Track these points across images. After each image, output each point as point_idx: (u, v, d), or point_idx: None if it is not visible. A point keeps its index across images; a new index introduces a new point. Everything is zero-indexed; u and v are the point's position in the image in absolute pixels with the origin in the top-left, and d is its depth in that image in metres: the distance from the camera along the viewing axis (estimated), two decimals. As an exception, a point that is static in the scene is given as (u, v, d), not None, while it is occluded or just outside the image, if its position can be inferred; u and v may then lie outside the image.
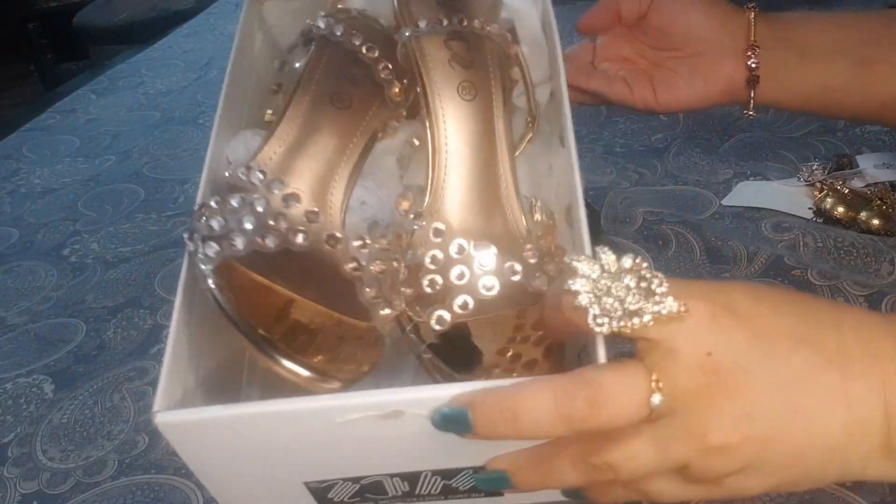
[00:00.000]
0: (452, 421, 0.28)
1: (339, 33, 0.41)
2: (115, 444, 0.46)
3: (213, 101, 1.05)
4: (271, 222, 0.33)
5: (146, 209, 0.72)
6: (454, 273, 0.34)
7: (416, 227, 0.35)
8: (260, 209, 0.33)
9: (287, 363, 0.29)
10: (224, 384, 0.36)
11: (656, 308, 0.27)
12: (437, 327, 0.33)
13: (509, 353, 0.34)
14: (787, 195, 0.61)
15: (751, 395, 0.28)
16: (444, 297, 0.34)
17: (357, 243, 0.35)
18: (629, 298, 0.27)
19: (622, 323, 0.27)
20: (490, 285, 0.34)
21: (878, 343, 0.29)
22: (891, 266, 0.53)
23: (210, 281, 0.31)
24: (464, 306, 0.33)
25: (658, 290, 0.27)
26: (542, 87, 0.44)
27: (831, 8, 1.00)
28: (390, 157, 0.41)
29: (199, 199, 0.35)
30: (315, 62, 0.41)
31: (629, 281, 0.27)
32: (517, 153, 0.42)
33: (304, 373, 0.29)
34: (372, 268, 0.35)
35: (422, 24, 0.41)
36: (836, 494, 0.38)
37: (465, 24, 0.41)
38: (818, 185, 0.60)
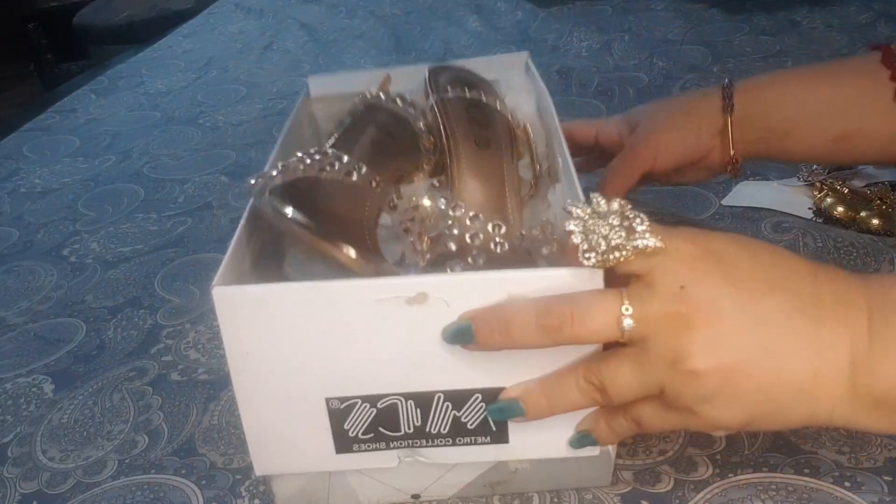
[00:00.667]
0: (459, 332, 0.32)
1: (383, 98, 0.50)
2: (114, 445, 0.46)
3: (213, 100, 1.05)
4: (327, 167, 0.39)
5: (146, 209, 0.72)
6: (469, 234, 0.39)
7: (440, 204, 0.41)
8: (317, 157, 0.39)
9: (343, 246, 0.34)
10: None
11: (636, 243, 0.30)
12: (450, 272, 0.37)
13: None
14: (787, 195, 0.61)
15: (720, 329, 0.30)
16: (459, 255, 0.38)
17: (394, 194, 0.41)
18: (612, 235, 0.31)
19: (605, 256, 0.31)
20: (502, 245, 0.39)
21: (850, 295, 0.31)
22: (891, 266, 0.53)
23: (272, 197, 0.35)
24: (476, 258, 0.38)
25: (639, 228, 0.31)
26: (542, 160, 0.51)
27: (830, 8, 1.00)
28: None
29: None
30: (361, 117, 0.49)
31: (614, 220, 0.31)
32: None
33: (354, 254, 0.34)
34: (400, 223, 0.40)
35: (448, 91, 0.50)
36: (836, 495, 0.38)
37: (483, 98, 0.50)
38: (818, 184, 0.60)
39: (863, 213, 0.57)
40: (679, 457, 0.41)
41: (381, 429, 0.36)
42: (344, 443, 0.36)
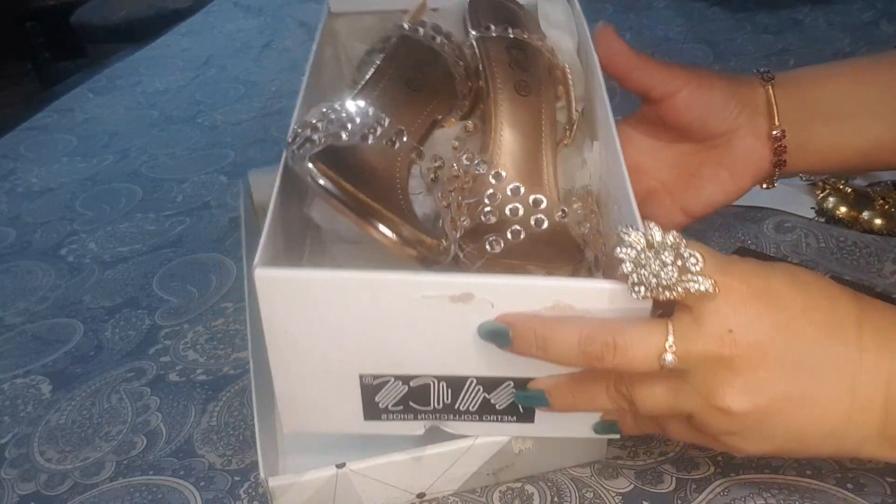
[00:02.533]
0: (495, 334, 0.32)
1: (421, 32, 0.47)
2: (112, 446, 0.46)
3: (212, 99, 1.04)
4: (369, 134, 0.38)
5: (144, 209, 0.72)
6: (509, 208, 0.39)
7: (479, 169, 0.40)
8: (358, 120, 0.38)
9: (381, 227, 0.33)
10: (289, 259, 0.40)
11: (688, 286, 0.30)
12: (490, 249, 0.37)
13: None
14: (790, 194, 0.61)
15: (762, 374, 0.30)
16: (498, 228, 0.38)
17: (437, 164, 0.40)
18: (664, 273, 0.30)
19: (654, 292, 0.30)
20: (541, 221, 0.38)
21: (891, 341, 0.32)
22: (893, 265, 0.53)
23: (311, 164, 0.34)
24: (515, 234, 0.38)
25: (693, 269, 0.30)
26: (578, 104, 0.49)
27: (832, 6, 1.00)
28: (448, 143, 0.46)
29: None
30: (395, 51, 0.47)
31: (667, 257, 0.30)
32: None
33: (393, 237, 0.33)
34: (440, 197, 0.39)
35: (490, 29, 0.47)
36: (837, 495, 0.37)
37: (525, 36, 0.48)
38: (820, 184, 0.60)
39: (865, 213, 0.57)
40: (681, 457, 0.41)
41: (411, 403, 0.36)
42: (373, 412, 0.37)
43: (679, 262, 0.30)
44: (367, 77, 0.45)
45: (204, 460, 0.44)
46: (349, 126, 0.37)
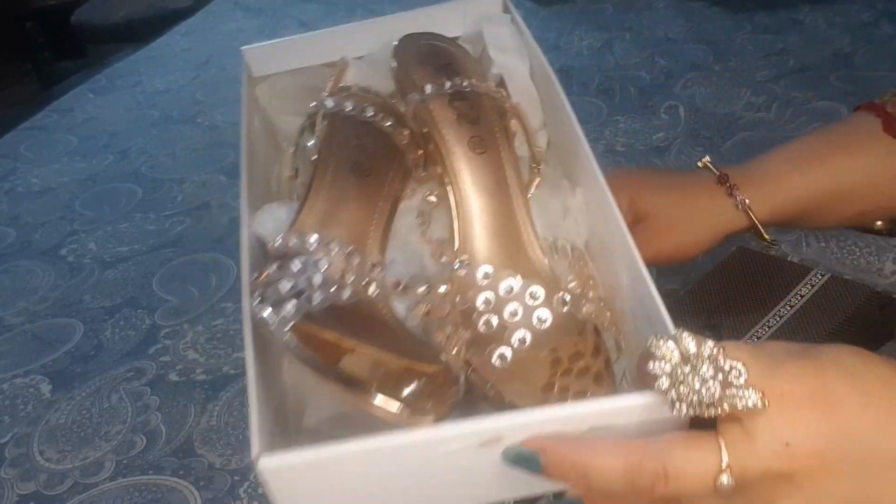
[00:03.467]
0: (525, 461, 0.30)
1: (349, 108, 0.43)
2: (112, 445, 0.46)
3: (212, 99, 1.04)
4: (339, 277, 0.35)
5: (144, 208, 0.72)
6: (508, 311, 0.36)
7: (462, 270, 0.37)
8: (325, 266, 0.35)
9: (380, 399, 0.30)
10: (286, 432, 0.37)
11: (734, 402, 0.28)
12: (499, 364, 0.34)
13: (556, 388, 0.35)
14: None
15: (822, 482, 0.28)
16: (500, 335, 0.35)
17: (421, 289, 0.37)
18: (705, 391, 0.28)
19: (696, 410, 0.28)
20: (544, 318, 0.36)
21: None
22: (894, 265, 0.53)
23: (290, 339, 0.32)
24: (522, 341, 0.35)
25: (737, 382, 0.28)
26: (540, 134, 0.46)
27: (832, 6, 1.00)
28: (410, 215, 0.43)
29: (245, 275, 0.36)
30: (329, 137, 0.43)
31: (706, 371, 0.28)
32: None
33: (395, 408, 0.30)
34: (424, 313, 0.36)
35: (427, 89, 0.43)
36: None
37: (464, 84, 0.43)
38: (820, 184, 0.60)
39: (865, 213, 0.57)
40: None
41: None
42: None
43: (720, 377, 0.28)
44: (313, 172, 0.42)
45: (203, 460, 0.44)
46: (316, 284, 0.34)
